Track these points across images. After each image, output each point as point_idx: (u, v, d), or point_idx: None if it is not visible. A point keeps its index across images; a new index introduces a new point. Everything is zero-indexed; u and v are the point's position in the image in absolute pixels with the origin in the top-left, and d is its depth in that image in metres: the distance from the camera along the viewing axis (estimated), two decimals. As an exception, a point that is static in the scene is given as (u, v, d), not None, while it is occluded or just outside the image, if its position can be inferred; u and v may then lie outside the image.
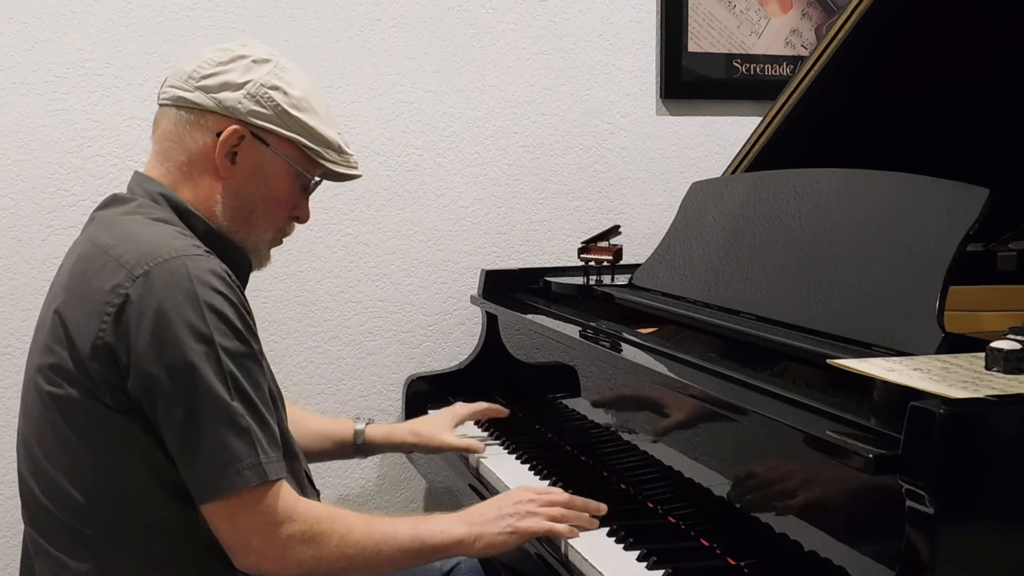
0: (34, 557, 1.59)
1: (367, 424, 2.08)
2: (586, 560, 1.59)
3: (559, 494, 1.73)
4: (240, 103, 1.60)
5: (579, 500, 1.72)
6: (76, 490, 1.51)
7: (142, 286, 1.46)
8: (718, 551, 1.58)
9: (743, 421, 1.54)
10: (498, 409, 2.22)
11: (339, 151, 1.68)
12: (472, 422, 2.44)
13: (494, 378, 2.56)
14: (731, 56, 2.92)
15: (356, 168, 1.72)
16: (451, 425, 2.13)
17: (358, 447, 2.07)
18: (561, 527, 1.66)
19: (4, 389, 2.50)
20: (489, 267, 2.71)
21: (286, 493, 1.51)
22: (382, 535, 1.57)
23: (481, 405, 2.22)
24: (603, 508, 1.72)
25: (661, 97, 2.90)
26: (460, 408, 2.20)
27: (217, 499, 1.46)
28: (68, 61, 2.51)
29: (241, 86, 1.60)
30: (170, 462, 1.49)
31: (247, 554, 1.49)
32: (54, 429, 1.53)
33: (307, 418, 2.07)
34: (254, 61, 1.62)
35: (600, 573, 1.56)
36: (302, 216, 1.72)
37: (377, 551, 1.56)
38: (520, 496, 1.70)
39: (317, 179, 1.71)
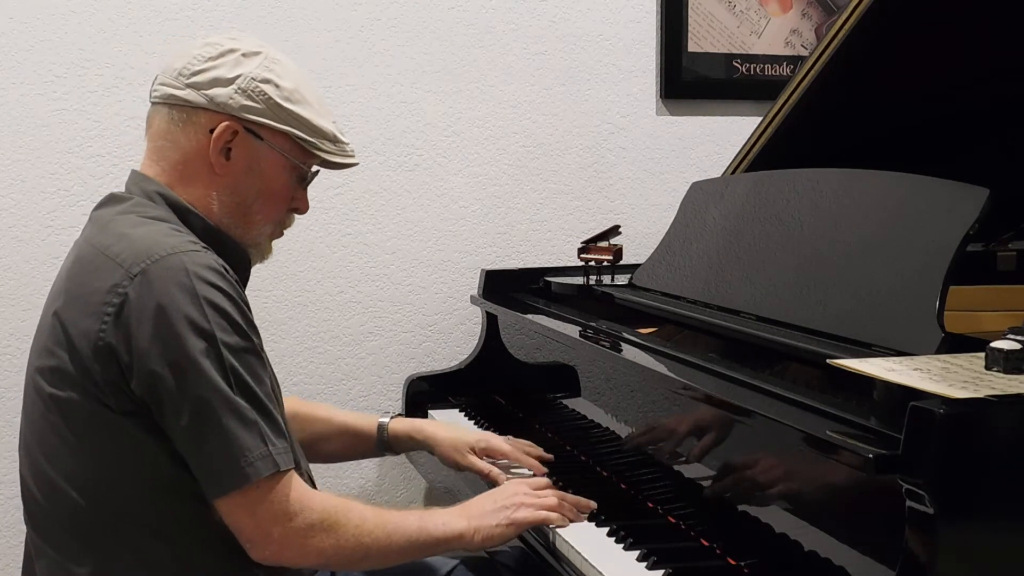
0: (35, 559, 1.59)
1: (392, 418, 2.03)
2: (586, 560, 1.60)
3: (550, 484, 1.78)
4: (232, 98, 1.58)
5: (571, 498, 1.75)
6: (76, 491, 1.51)
7: (140, 284, 1.46)
8: (718, 551, 1.58)
9: (743, 421, 1.54)
10: (534, 463, 1.97)
11: (334, 140, 1.66)
12: (463, 414, 2.44)
13: (494, 378, 2.57)
14: (731, 56, 2.92)
15: (353, 156, 1.70)
16: (476, 447, 1.97)
17: (383, 441, 2.02)
18: (553, 515, 1.69)
19: (5, 390, 2.50)
20: (489, 267, 2.71)
21: (298, 483, 1.52)
22: (393, 525, 1.59)
23: (519, 452, 1.98)
24: (592, 504, 1.74)
25: (661, 97, 2.90)
26: (495, 439, 2.00)
27: (232, 492, 1.47)
28: (68, 61, 2.51)
29: (231, 81, 1.59)
30: (172, 462, 1.49)
31: (267, 544, 1.50)
32: (55, 431, 1.53)
33: (331, 413, 2.05)
34: (243, 55, 1.61)
35: (600, 573, 1.56)
36: (301, 207, 1.71)
37: (389, 540, 1.58)
38: (515, 489, 1.73)
39: (314, 170, 1.69)
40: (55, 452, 1.53)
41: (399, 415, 2.07)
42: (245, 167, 1.61)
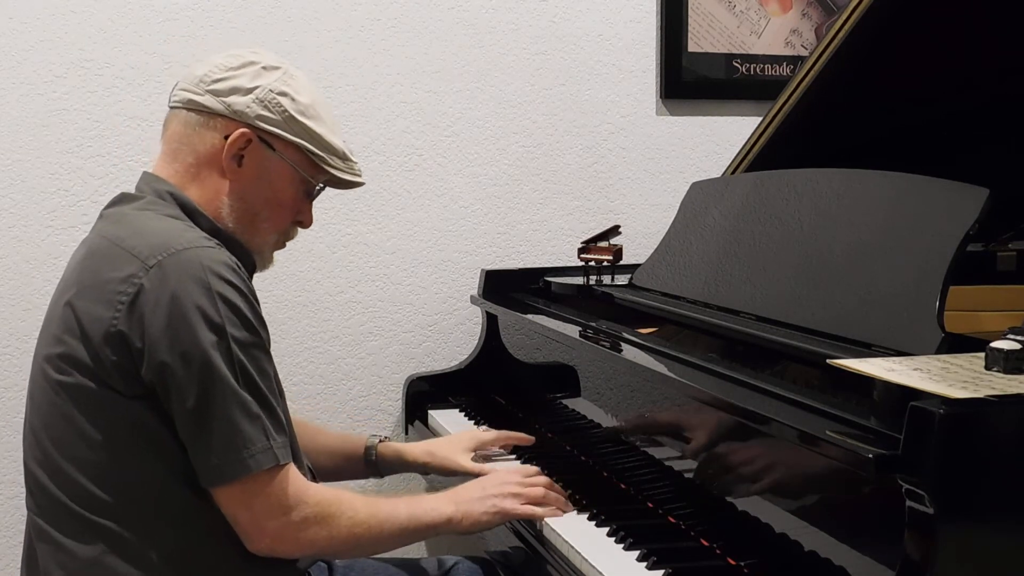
0: (37, 543, 1.61)
1: (380, 441, 2.04)
2: (586, 560, 1.60)
3: (541, 476, 1.81)
4: (249, 107, 1.64)
5: (557, 491, 1.79)
6: (85, 477, 1.54)
7: (156, 276, 1.51)
8: (718, 551, 1.58)
9: (743, 421, 1.54)
10: (522, 437, 2.10)
11: (344, 158, 1.71)
12: (463, 414, 2.44)
13: (494, 378, 2.57)
14: (731, 56, 2.92)
15: (360, 176, 1.75)
16: (469, 447, 2.03)
17: (369, 463, 2.02)
18: (539, 509, 1.73)
19: (4, 389, 2.50)
20: (489, 267, 2.71)
21: (296, 477, 1.56)
22: (384, 515, 1.64)
23: (505, 433, 2.10)
24: (571, 508, 1.77)
25: (661, 97, 2.90)
26: (483, 433, 2.10)
27: (231, 483, 1.51)
28: (68, 61, 2.51)
29: (250, 91, 1.64)
30: (180, 449, 1.52)
31: (263, 537, 1.54)
32: (64, 417, 1.55)
33: (319, 434, 2.05)
34: (264, 67, 1.66)
35: (600, 572, 1.56)
36: (305, 221, 1.76)
37: (380, 530, 1.63)
38: (504, 478, 1.78)
39: (321, 185, 1.74)
40: (63, 438, 1.56)
41: (386, 439, 2.06)
42: (255, 175, 1.66)
